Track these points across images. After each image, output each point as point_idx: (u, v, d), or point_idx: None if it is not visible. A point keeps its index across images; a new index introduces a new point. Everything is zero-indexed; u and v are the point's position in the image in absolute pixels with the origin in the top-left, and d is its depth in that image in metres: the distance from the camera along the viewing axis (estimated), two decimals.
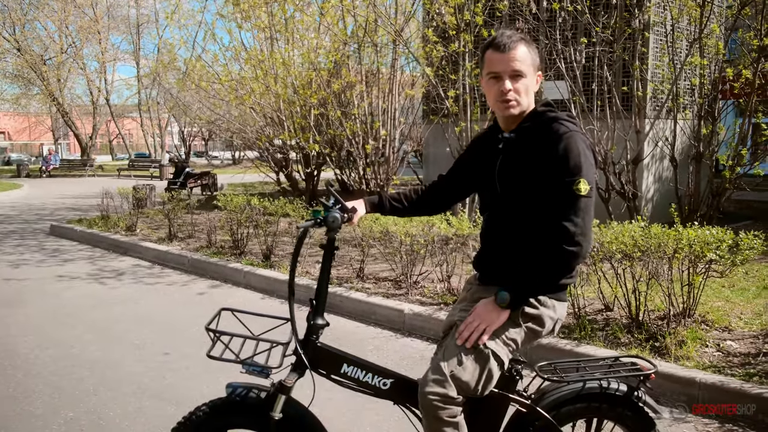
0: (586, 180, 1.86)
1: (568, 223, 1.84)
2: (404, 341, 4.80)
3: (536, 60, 2.00)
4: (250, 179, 18.36)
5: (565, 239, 1.84)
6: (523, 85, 1.97)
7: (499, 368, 1.98)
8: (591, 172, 1.90)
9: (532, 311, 1.98)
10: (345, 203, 2.15)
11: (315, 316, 2.08)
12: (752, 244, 4.04)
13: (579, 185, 1.85)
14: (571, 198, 1.86)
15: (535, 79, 2.01)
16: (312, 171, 12.12)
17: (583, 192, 1.85)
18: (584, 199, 1.86)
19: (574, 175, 1.86)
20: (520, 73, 1.96)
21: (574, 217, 1.85)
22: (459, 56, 7.66)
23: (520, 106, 1.99)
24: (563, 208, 1.86)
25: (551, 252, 1.87)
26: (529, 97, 2.00)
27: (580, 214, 1.85)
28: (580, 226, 1.85)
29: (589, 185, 1.87)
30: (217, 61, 10.94)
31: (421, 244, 5.61)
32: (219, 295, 6.20)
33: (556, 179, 1.87)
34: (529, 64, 1.97)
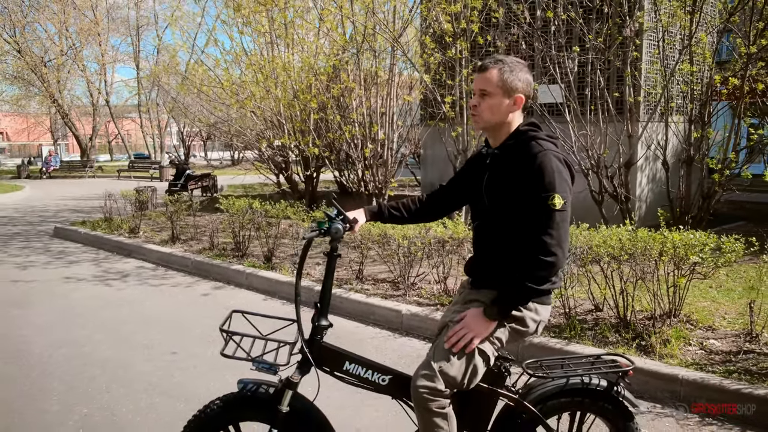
0: (559, 195, 2.04)
1: (544, 236, 2.03)
2: (402, 341, 4.99)
3: (511, 84, 2.17)
4: (250, 181, 18.53)
5: (543, 251, 2.02)
6: (487, 104, 2.19)
7: (484, 364, 2.16)
8: (564, 187, 2.08)
9: (516, 313, 2.16)
10: (347, 214, 2.33)
11: (319, 317, 2.27)
12: (734, 247, 4.23)
13: (553, 200, 2.03)
14: (546, 212, 2.04)
15: (508, 102, 2.18)
16: (311, 173, 12.30)
17: (557, 206, 2.03)
18: (558, 212, 2.04)
19: (549, 191, 2.04)
20: (486, 92, 2.19)
21: (549, 230, 2.03)
22: (455, 62, 7.85)
23: (482, 120, 2.22)
24: (540, 222, 2.04)
25: (531, 264, 2.05)
26: (495, 115, 2.20)
27: (555, 227, 2.03)
28: (555, 238, 2.03)
29: (563, 200, 2.05)
30: (218, 66, 11.12)
31: (418, 247, 5.80)
32: (222, 296, 6.38)
33: (532, 195, 2.07)
34: (497, 86, 2.17)
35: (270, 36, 10.42)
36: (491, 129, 2.25)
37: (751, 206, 11.81)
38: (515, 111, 2.22)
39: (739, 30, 7.46)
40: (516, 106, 2.21)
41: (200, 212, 9.98)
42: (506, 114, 2.21)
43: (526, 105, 2.25)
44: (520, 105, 2.22)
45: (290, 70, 9.80)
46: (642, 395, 3.74)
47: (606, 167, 7.73)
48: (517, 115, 2.24)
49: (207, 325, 5.29)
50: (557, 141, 2.21)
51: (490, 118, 2.22)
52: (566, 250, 2.08)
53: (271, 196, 11.05)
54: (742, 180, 7.79)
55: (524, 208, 2.08)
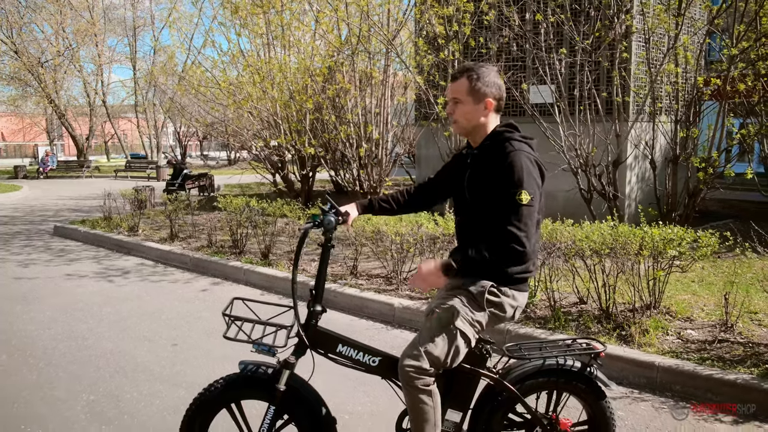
0: (527, 191, 2.23)
1: (512, 227, 2.20)
2: (395, 333, 5.18)
3: (480, 90, 2.36)
4: (246, 180, 18.71)
5: (511, 240, 2.19)
6: (460, 111, 2.41)
7: (466, 345, 2.36)
8: (532, 184, 2.26)
9: (494, 299, 2.36)
10: (339, 208, 2.53)
11: (314, 303, 2.46)
12: (709, 241, 4.44)
13: (521, 195, 2.22)
14: (514, 206, 2.22)
15: (478, 106, 2.37)
16: (307, 173, 12.48)
17: (524, 201, 2.22)
18: (525, 207, 2.22)
19: (517, 187, 2.23)
20: (458, 99, 2.41)
21: (517, 222, 2.20)
22: (448, 64, 8.05)
23: (458, 126, 2.44)
24: (508, 215, 2.22)
25: (499, 249, 2.22)
26: (469, 120, 2.40)
27: (522, 220, 2.21)
28: (522, 230, 2.20)
29: (530, 195, 2.23)
30: (216, 66, 11.29)
31: (410, 243, 5.99)
32: (220, 291, 6.57)
33: (503, 190, 2.25)
34: (467, 94, 2.38)
35: (267, 37, 10.60)
36: (468, 132, 2.45)
37: (740, 204, 12.05)
38: (488, 114, 2.41)
39: (723, 32, 7.68)
40: (487, 110, 2.40)
41: (198, 211, 10.16)
42: (479, 118, 2.40)
43: (499, 106, 2.44)
44: (491, 108, 2.41)
45: (287, 71, 9.97)
46: (620, 381, 3.95)
47: (594, 166, 7.93)
48: (492, 117, 2.43)
49: (206, 319, 5.47)
50: (532, 142, 2.41)
51: (465, 123, 2.42)
52: (533, 242, 2.25)
53: (267, 195, 11.25)
54: (728, 179, 8.02)
55: (496, 202, 2.27)
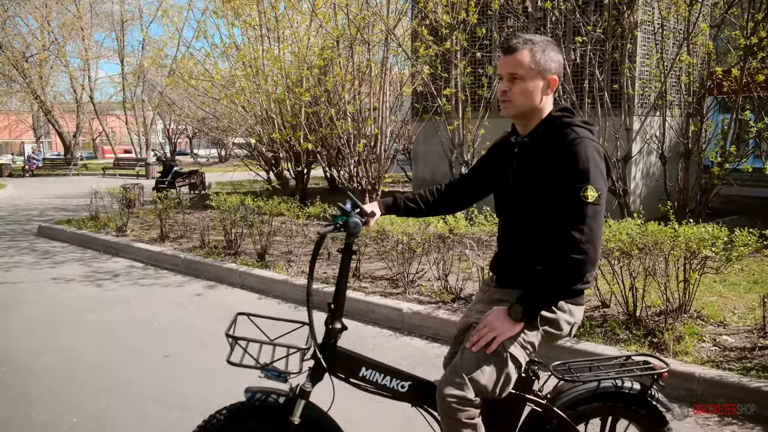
0: (593, 187, 1.88)
1: (575, 231, 1.86)
2: (404, 340, 4.83)
3: (545, 64, 2.01)
4: (238, 177, 18.28)
5: (572, 248, 1.86)
6: (519, 88, 2.02)
7: (516, 371, 2.01)
8: (600, 179, 1.91)
9: (550, 315, 2.01)
10: (363, 207, 2.16)
11: (333, 320, 2.10)
12: (746, 240, 4.12)
13: (586, 192, 1.87)
14: (578, 205, 1.87)
15: (542, 84, 2.02)
16: (302, 169, 12.10)
17: (590, 199, 1.87)
18: (591, 206, 1.87)
19: (582, 182, 1.88)
20: (517, 75, 2.01)
21: (581, 225, 1.86)
22: (452, 54, 7.69)
23: (514, 107, 2.04)
24: (570, 216, 1.88)
25: (560, 261, 1.88)
26: (528, 100, 2.03)
27: (587, 222, 1.87)
28: (586, 234, 1.86)
29: (597, 192, 1.88)
30: (209, 58, 10.88)
31: (417, 243, 5.64)
32: (215, 296, 6.18)
33: (563, 185, 1.90)
34: (529, 68, 2.00)
35: (260, 29, 10.20)
36: (522, 116, 2.08)
37: (743, 200, 11.79)
38: (549, 95, 2.06)
39: (737, 21, 7.37)
40: (549, 89, 2.05)
41: (189, 210, 9.75)
42: (540, 98, 2.04)
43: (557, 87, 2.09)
44: (554, 87, 2.05)
45: (282, 63, 9.58)
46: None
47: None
48: (549, 99, 2.08)
49: (200, 327, 5.09)
50: (593, 128, 2.05)
51: (523, 103, 2.04)
52: (599, 247, 1.91)
53: (260, 193, 10.85)
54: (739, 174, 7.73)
55: (555, 200, 1.92)
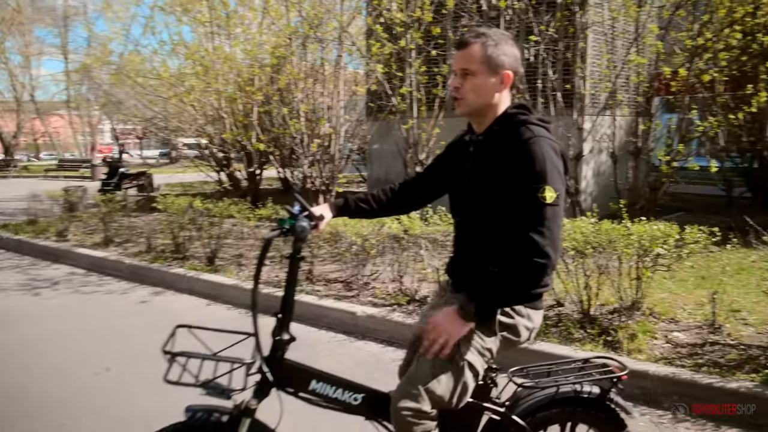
0: (551, 187, 1.80)
1: (535, 234, 1.78)
2: (358, 344, 4.71)
3: (497, 59, 1.92)
4: (188, 179, 17.84)
5: (534, 251, 1.78)
6: (471, 84, 1.94)
7: (474, 379, 1.92)
8: (557, 179, 1.84)
9: (508, 321, 1.92)
10: (312, 210, 2.03)
11: (281, 330, 1.97)
12: (696, 237, 4.16)
13: (544, 193, 1.79)
14: (536, 206, 1.79)
15: (495, 79, 1.94)
16: (254, 170, 11.83)
17: (548, 200, 1.79)
18: (550, 207, 1.79)
19: (539, 182, 1.80)
20: (468, 70, 1.94)
21: (540, 227, 1.78)
22: (406, 53, 7.61)
23: (466, 104, 1.97)
24: (529, 218, 1.80)
25: (519, 263, 1.80)
26: (480, 97, 1.95)
27: (546, 224, 1.79)
28: (547, 237, 1.78)
29: (556, 193, 1.81)
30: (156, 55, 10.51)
31: (372, 244, 5.53)
32: (161, 302, 5.93)
33: (520, 186, 1.82)
34: (481, 63, 1.92)
35: (211, 26, 9.92)
36: (476, 113, 2.00)
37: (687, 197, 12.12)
38: (502, 91, 1.97)
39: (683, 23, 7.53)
40: (503, 85, 1.96)
41: (136, 212, 9.39)
42: (492, 95, 1.96)
43: (514, 83, 2.01)
44: (508, 83, 1.97)
45: (233, 61, 9.33)
46: None
47: None
48: (505, 95, 1.99)
49: (144, 336, 4.84)
50: (550, 126, 1.98)
51: (474, 100, 1.96)
52: (559, 250, 1.84)
53: (211, 195, 10.55)
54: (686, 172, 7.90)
55: (511, 201, 1.84)
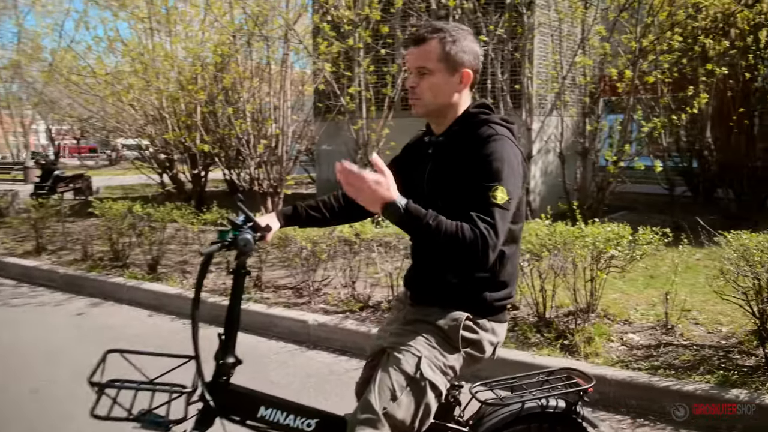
0: (504, 188, 1.67)
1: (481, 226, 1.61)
2: (310, 354, 4.53)
3: (456, 56, 1.80)
4: (129, 181, 17.15)
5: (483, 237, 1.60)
6: (428, 83, 1.82)
7: (436, 400, 1.79)
8: (512, 181, 1.71)
9: (472, 336, 1.80)
10: (257, 220, 1.85)
11: (225, 353, 1.78)
12: (648, 239, 4.17)
13: (495, 192, 1.66)
14: (485, 205, 1.65)
15: (454, 78, 1.81)
16: (199, 172, 11.43)
17: (498, 200, 1.66)
18: (499, 209, 1.65)
19: (492, 181, 1.68)
20: (425, 69, 1.81)
21: (488, 227, 1.62)
22: (355, 52, 7.46)
23: (423, 104, 1.84)
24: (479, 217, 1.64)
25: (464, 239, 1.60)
26: (438, 97, 1.83)
27: (492, 224, 1.63)
28: (492, 237, 1.62)
29: (508, 196, 1.67)
30: (90, 51, 9.99)
31: (322, 249, 5.35)
32: (99, 314, 5.58)
33: (473, 183, 1.70)
34: (436, 60, 1.79)
35: (149, 22, 9.50)
36: (434, 114, 1.87)
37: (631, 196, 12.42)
38: (462, 90, 1.84)
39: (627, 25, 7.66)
40: (463, 85, 1.83)
41: (71, 218, 8.90)
42: (451, 94, 1.83)
43: (474, 81, 1.88)
44: (468, 82, 1.84)
45: (174, 60, 8.96)
46: None
47: None
48: (465, 95, 1.87)
49: (79, 353, 4.51)
50: (513, 127, 1.86)
51: (432, 100, 1.83)
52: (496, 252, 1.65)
53: (154, 198, 10.12)
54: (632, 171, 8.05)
55: (464, 200, 1.70)
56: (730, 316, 4.44)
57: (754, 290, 3.59)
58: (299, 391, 3.81)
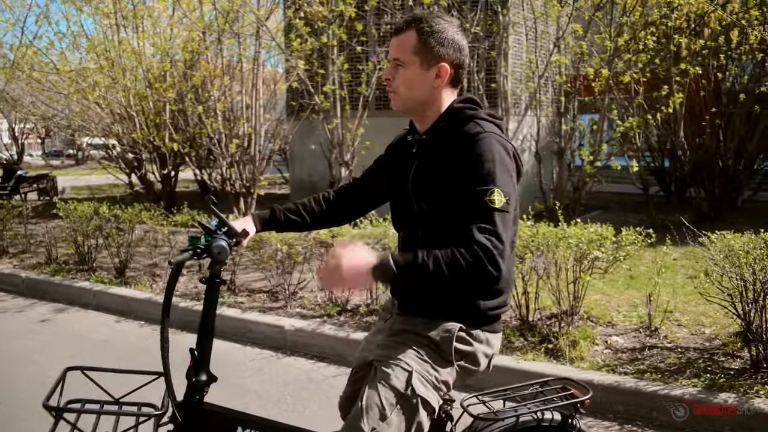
0: (501, 190, 1.57)
1: (481, 237, 1.52)
2: (287, 361, 4.37)
3: (432, 49, 1.68)
4: (96, 181, 16.68)
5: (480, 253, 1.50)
6: (402, 77, 1.70)
7: (429, 418, 1.66)
8: (507, 180, 1.61)
9: (466, 348, 1.67)
10: (232, 224, 1.70)
11: (198, 370, 1.63)
12: (632, 240, 4.11)
13: (492, 195, 1.56)
14: (482, 210, 1.55)
15: (429, 72, 1.69)
16: (169, 172, 11.14)
17: (497, 204, 1.56)
18: (499, 213, 1.55)
19: (487, 184, 1.57)
20: (400, 61, 1.70)
21: (489, 236, 1.52)
22: (329, 50, 7.30)
23: (399, 99, 1.73)
24: (474, 222, 1.55)
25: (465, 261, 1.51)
26: (412, 92, 1.71)
27: (495, 230, 1.53)
28: (497, 246, 1.52)
29: (505, 197, 1.57)
30: (53, 48, 9.63)
31: (299, 252, 5.19)
32: (64, 321, 5.33)
33: (466, 188, 1.59)
34: (410, 52, 1.68)
35: (115, 17, 9.20)
36: (413, 109, 1.75)
37: (605, 195, 12.50)
38: (441, 86, 1.72)
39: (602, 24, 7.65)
40: (440, 80, 1.70)
41: (35, 219, 8.57)
42: (429, 90, 1.71)
43: (458, 77, 1.75)
44: (446, 77, 1.71)
45: (141, 56, 8.68)
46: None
47: None
48: (447, 90, 1.74)
49: (42, 363, 4.28)
50: (501, 122, 1.75)
51: (407, 94, 1.71)
52: (506, 260, 1.57)
53: (122, 198, 9.81)
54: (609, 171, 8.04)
55: (457, 206, 1.59)
56: (711, 317, 4.41)
57: (738, 291, 3.54)
58: (277, 400, 3.66)
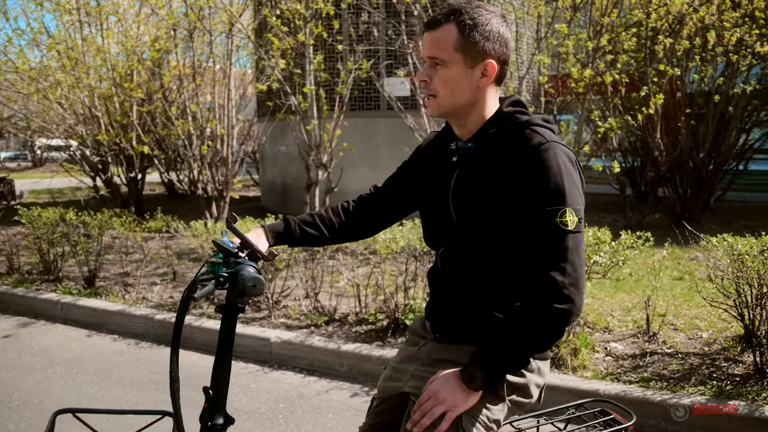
0: (572, 209, 1.41)
1: (555, 273, 1.39)
2: (274, 376, 4.14)
3: (477, 44, 1.47)
4: (57, 184, 16.03)
5: (554, 294, 1.38)
6: (442, 77, 1.49)
7: None
8: (577, 197, 1.45)
9: (519, 380, 1.50)
10: (254, 243, 1.49)
11: (213, 411, 1.42)
12: (630, 243, 4.02)
13: (564, 217, 1.40)
14: (555, 235, 1.40)
15: (475, 71, 1.49)
16: (136, 175, 10.73)
17: (570, 226, 1.40)
18: (572, 235, 1.41)
19: (557, 204, 1.41)
20: (439, 59, 1.48)
21: (562, 263, 1.39)
22: (306, 48, 7.08)
23: (438, 105, 1.52)
24: (547, 250, 1.40)
25: (536, 312, 1.40)
26: (455, 95, 1.50)
27: (569, 257, 1.40)
28: (570, 275, 1.39)
29: (577, 216, 1.42)
30: (11, 45, 9.15)
31: (281, 258, 4.96)
32: (29, 337, 4.98)
33: (533, 208, 1.42)
34: (452, 49, 1.47)
35: (78, 14, 8.79)
36: (454, 114, 1.55)
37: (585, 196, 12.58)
38: (486, 85, 1.52)
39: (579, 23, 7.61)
40: (486, 78, 1.51)
41: None
42: (473, 90, 1.51)
43: (503, 73, 1.55)
44: (493, 76, 1.51)
45: (106, 53, 8.30)
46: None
47: None
48: (492, 90, 1.55)
49: (6, 382, 3.97)
50: (555, 127, 1.57)
51: (448, 98, 1.51)
52: (583, 290, 1.43)
53: (86, 203, 9.37)
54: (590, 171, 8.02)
55: (520, 227, 1.43)
56: (706, 320, 4.37)
57: (743, 296, 3.48)
58: (268, 419, 3.44)
